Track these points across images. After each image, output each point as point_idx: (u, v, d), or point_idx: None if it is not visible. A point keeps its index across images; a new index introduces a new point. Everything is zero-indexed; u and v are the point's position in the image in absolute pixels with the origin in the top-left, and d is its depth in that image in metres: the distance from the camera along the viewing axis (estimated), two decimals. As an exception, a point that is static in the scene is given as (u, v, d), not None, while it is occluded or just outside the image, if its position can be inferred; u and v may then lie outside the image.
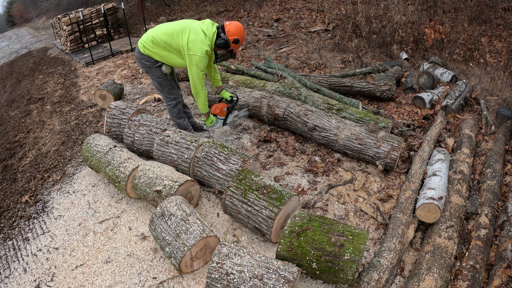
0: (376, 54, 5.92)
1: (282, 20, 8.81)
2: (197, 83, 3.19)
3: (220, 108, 3.52)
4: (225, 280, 1.96)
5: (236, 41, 3.14)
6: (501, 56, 5.74)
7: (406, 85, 4.62)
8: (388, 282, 2.15)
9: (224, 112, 3.56)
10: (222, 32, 3.15)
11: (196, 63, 3.09)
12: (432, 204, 2.41)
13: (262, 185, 2.48)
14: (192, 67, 3.13)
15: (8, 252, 2.84)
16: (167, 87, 3.49)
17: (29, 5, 36.17)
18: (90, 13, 10.09)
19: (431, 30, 5.34)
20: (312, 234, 2.11)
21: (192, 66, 3.12)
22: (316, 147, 3.55)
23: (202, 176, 3.00)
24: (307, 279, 2.24)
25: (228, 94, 3.67)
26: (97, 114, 5.08)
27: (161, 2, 14.14)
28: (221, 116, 3.57)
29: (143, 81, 6.27)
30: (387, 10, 7.09)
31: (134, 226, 2.83)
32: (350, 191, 2.98)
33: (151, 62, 3.33)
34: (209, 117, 3.48)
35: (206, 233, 2.30)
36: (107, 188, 3.32)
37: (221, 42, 3.14)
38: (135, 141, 3.49)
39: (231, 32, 3.14)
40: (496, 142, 3.32)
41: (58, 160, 4.06)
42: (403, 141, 3.14)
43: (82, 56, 9.10)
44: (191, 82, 3.20)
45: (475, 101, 4.21)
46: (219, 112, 3.53)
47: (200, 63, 3.10)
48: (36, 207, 3.30)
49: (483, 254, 2.18)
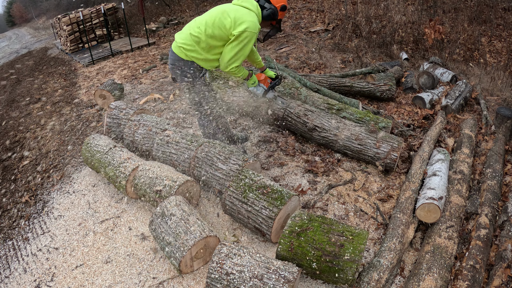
0: (376, 54, 5.92)
1: (282, 20, 8.81)
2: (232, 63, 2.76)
3: (265, 78, 3.27)
4: (225, 280, 1.96)
5: (283, 7, 2.82)
6: (501, 56, 5.74)
7: (406, 85, 4.62)
8: (388, 282, 2.15)
9: (267, 83, 3.30)
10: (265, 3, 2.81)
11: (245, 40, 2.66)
12: (432, 204, 2.41)
13: (262, 185, 2.48)
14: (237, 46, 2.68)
15: (8, 252, 2.84)
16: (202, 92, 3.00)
17: (29, 5, 36.16)
18: (90, 13, 10.09)
19: (431, 30, 5.34)
20: (312, 234, 2.11)
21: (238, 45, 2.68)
22: (316, 147, 3.55)
23: (202, 176, 3.00)
24: (307, 279, 2.24)
25: (272, 72, 3.37)
26: (97, 114, 5.09)
27: (161, 2, 14.13)
28: (264, 84, 3.29)
29: (143, 81, 6.27)
30: (387, 10, 7.09)
31: (134, 226, 2.83)
32: (350, 191, 2.98)
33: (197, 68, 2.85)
34: (252, 77, 3.12)
35: (206, 233, 2.30)
36: (107, 188, 3.32)
37: (269, 12, 2.78)
38: (135, 141, 3.49)
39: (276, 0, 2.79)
40: (496, 142, 3.32)
41: (58, 160, 4.06)
42: (403, 141, 3.14)
43: (82, 56, 9.10)
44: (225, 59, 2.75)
45: (475, 101, 4.21)
46: (263, 80, 3.26)
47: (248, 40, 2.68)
48: (36, 207, 3.30)
49: (483, 254, 2.18)
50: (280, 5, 2.80)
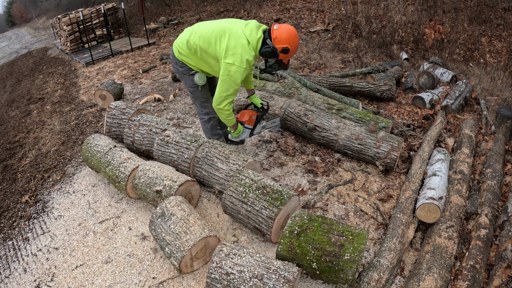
0: (376, 54, 5.93)
1: (282, 20, 8.81)
2: (223, 98, 2.68)
3: (249, 116, 3.07)
4: (225, 280, 1.96)
5: (285, 50, 2.56)
6: (501, 56, 5.74)
7: (406, 85, 4.62)
8: (388, 282, 2.15)
9: (253, 121, 3.10)
10: (268, 38, 2.59)
11: (232, 74, 2.58)
12: (432, 204, 2.41)
13: (262, 185, 2.48)
14: (225, 79, 2.61)
15: (8, 252, 2.84)
16: (199, 99, 3.05)
17: (29, 5, 36.18)
18: (90, 13, 10.09)
19: (431, 30, 5.34)
20: (312, 234, 2.11)
21: (227, 78, 2.61)
22: (316, 147, 3.55)
23: (202, 176, 3.00)
24: (307, 279, 2.24)
25: (259, 100, 3.20)
26: (97, 114, 5.08)
27: (161, 2, 14.14)
28: (249, 125, 3.11)
29: (143, 81, 6.27)
30: (387, 10, 7.09)
31: (134, 226, 2.83)
32: (350, 191, 2.98)
33: (185, 68, 2.90)
34: (238, 128, 3.04)
35: (206, 233, 2.30)
36: (107, 188, 3.32)
37: (267, 51, 2.60)
38: (135, 141, 3.49)
39: (278, 39, 2.56)
40: (496, 142, 3.32)
41: (58, 160, 4.06)
42: (403, 141, 3.14)
43: (82, 56, 9.11)
44: (217, 95, 2.70)
45: (475, 101, 4.21)
46: (247, 120, 3.08)
47: (236, 75, 2.59)
48: (36, 207, 3.30)
49: (483, 254, 2.18)
50: (281, 47, 2.55)
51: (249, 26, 2.63)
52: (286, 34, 2.56)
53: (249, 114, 3.10)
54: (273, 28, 2.60)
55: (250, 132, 3.17)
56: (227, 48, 2.57)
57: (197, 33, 2.74)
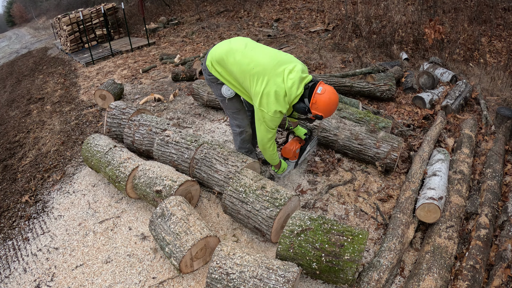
0: (376, 54, 5.92)
1: (282, 20, 8.81)
2: (265, 140, 2.60)
3: (293, 151, 2.97)
4: (225, 280, 1.96)
5: (318, 117, 2.46)
6: (501, 56, 5.74)
7: (406, 85, 4.62)
8: (388, 282, 2.15)
9: (297, 155, 3.02)
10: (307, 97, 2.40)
11: (267, 121, 2.47)
12: (432, 204, 2.41)
13: (262, 185, 2.48)
14: (261, 124, 2.51)
15: (8, 252, 2.84)
16: (229, 110, 2.84)
17: (29, 5, 36.18)
18: (90, 13, 10.10)
19: (431, 30, 5.34)
20: (312, 234, 2.11)
21: (262, 123, 2.50)
22: (316, 147, 3.55)
23: (201, 178, 3.00)
24: (307, 279, 2.24)
25: (302, 131, 3.06)
26: (97, 114, 5.08)
27: (161, 2, 14.14)
28: (293, 160, 3.04)
29: (143, 81, 6.27)
30: (387, 10, 7.09)
31: (134, 226, 2.83)
32: (350, 191, 2.98)
33: (213, 77, 2.72)
34: (281, 165, 2.93)
35: (206, 233, 2.30)
36: (107, 188, 3.32)
37: (300, 109, 2.47)
38: (135, 141, 3.49)
39: (316, 106, 2.38)
40: (496, 142, 3.32)
41: (58, 160, 4.06)
42: (403, 141, 3.14)
43: (82, 56, 9.11)
44: (258, 137, 2.61)
45: (475, 101, 4.21)
46: (291, 156, 3.00)
47: (271, 123, 2.47)
48: (36, 207, 3.30)
49: (483, 254, 2.18)
50: (315, 113, 2.42)
51: (292, 76, 2.37)
52: (326, 105, 2.38)
53: (293, 149, 2.97)
54: (316, 90, 2.37)
55: (295, 165, 3.09)
56: (262, 95, 2.39)
57: (235, 57, 2.49)
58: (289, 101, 2.42)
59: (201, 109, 4.66)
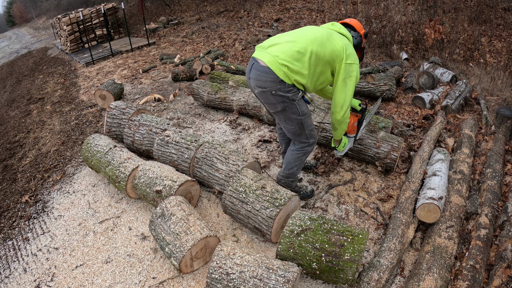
0: (376, 54, 5.93)
1: (282, 20, 8.81)
2: (347, 102, 2.40)
3: (351, 124, 2.78)
4: (225, 280, 1.96)
5: (366, 35, 2.57)
6: (501, 56, 5.74)
7: (406, 85, 4.62)
8: (388, 282, 2.15)
9: (355, 128, 2.82)
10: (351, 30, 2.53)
11: (356, 74, 2.36)
12: (432, 204, 2.41)
13: (262, 185, 2.48)
14: (350, 80, 2.34)
15: (8, 252, 2.84)
16: (309, 128, 2.49)
17: (29, 5, 36.20)
18: (90, 13, 10.10)
19: (431, 30, 5.34)
20: (312, 234, 2.11)
21: (351, 79, 2.34)
22: (316, 147, 3.55)
23: (201, 177, 3.00)
24: (307, 279, 2.24)
25: (357, 102, 2.86)
26: (97, 114, 5.09)
27: (161, 2, 14.15)
28: (352, 134, 2.84)
29: (143, 81, 6.27)
30: (387, 10, 7.10)
31: (134, 226, 2.83)
32: (350, 191, 2.98)
33: (294, 93, 2.29)
34: (342, 140, 2.75)
35: (206, 233, 2.30)
36: (107, 188, 3.32)
37: (358, 41, 2.52)
38: (135, 141, 3.49)
39: (357, 26, 2.55)
40: (496, 142, 3.32)
41: (58, 160, 4.06)
42: (403, 142, 3.14)
43: (82, 56, 9.11)
44: (341, 101, 2.38)
45: (475, 101, 4.21)
46: (351, 130, 2.81)
47: (358, 74, 2.39)
48: (36, 207, 3.30)
49: (483, 254, 2.18)
50: (363, 32, 2.54)
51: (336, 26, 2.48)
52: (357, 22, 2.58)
53: (352, 122, 2.77)
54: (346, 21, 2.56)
55: (354, 140, 2.86)
56: (345, 47, 2.30)
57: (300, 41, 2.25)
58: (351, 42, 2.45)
59: (201, 109, 4.66)
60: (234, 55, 7.04)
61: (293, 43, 2.25)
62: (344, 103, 2.38)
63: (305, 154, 2.59)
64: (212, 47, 7.80)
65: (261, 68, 2.25)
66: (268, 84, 2.25)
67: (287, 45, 2.25)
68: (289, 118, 2.40)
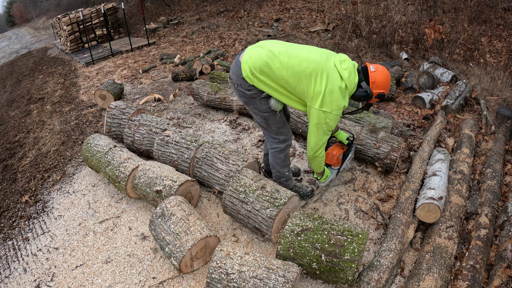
0: (376, 54, 5.93)
1: (282, 20, 8.81)
2: (318, 146, 2.37)
3: (336, 157, 2.76)
4: (225, 280, 1.96)
5: (381, 96, 2.32)
6: (501, 56, 5.75)
7: (406, 85, 4.62)
8: (388, 282, 2.15)
9: (339, 160, 2.80)
10: (363, 80, 2.28)
11: (329, 122, 2.25)
12: (432, 204, 2.41)
13: (262, 185, 2.48)
14: (318, 128, 2.28)
15: (8, 252, 2.84)
16: (276, 125, 2.49)
17: (29, 5, 36.21)
18: (90, 13, 10.10)
19: (431, 30, 5.34)
20: (312, 234, 2.11)
21: (319, 126, 2.27)
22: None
23: (201, 177, 3.00)
24: (307, 279, 2.24)
25: (345, 135, 2.83)
26: (97, 114, 5.08)
27: (161, 2, 14.15)
28: (336, 166, 2.82)
29: (143, 81, 6.27)
30: (387, 10, 7.09)
31: (134, 226, 2.83)
32: (350, 191, 2.98)
33: (255, 92, 2.34)
34: (325, 172, 2.71)
35: (206, 233, 2.30)
36: (107, 188, 3.32)
37: (361, 95, 2.30)
38: (135, 141, 3.49)
39: (377, 84, 2.27)
40: (496, 142, 3.32)
41: (58, 160, 4.06)
42: (403, 142, 3.14)
43: (82, 56, 9.11)
44: (311, 144, 2.38)
45: (475, 101, 4.21)
46: (335, 162, 2.78)
47: (333, 123, 2.26)
48: (36, 207, 3.30)
49: (483, 254, 2.18)
50: (377, 92, 2.30)
51: (345, 66, 2.22)
52: (385, 79, 2.29)
53: (336, 154, 2.76)
54: (370, 69, 2.28)
55: (337, 172, 2.86)
56: (325, 93, 2.16)
57: (282, 59, 2.21)
58: (350, 92, 2.27)
59: (201, 109, 4.66)
60: (234, 55, 7.05)
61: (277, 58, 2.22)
62: (315, 146, 2.38)
63: (280, 151, 2.60)
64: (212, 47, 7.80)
65: (237, 60, 2.36)
66: (234, 77, 2.37)
67: (270, 55, 2.23)
68: (253, 112, 2.50)
